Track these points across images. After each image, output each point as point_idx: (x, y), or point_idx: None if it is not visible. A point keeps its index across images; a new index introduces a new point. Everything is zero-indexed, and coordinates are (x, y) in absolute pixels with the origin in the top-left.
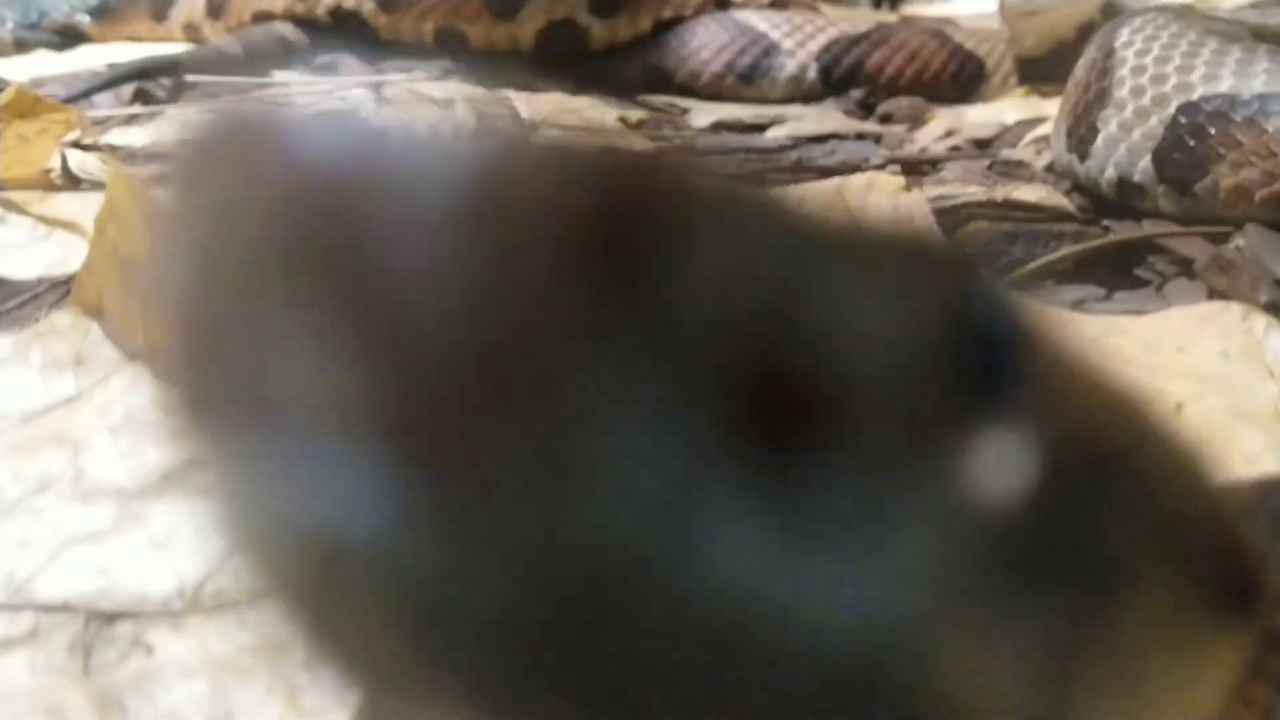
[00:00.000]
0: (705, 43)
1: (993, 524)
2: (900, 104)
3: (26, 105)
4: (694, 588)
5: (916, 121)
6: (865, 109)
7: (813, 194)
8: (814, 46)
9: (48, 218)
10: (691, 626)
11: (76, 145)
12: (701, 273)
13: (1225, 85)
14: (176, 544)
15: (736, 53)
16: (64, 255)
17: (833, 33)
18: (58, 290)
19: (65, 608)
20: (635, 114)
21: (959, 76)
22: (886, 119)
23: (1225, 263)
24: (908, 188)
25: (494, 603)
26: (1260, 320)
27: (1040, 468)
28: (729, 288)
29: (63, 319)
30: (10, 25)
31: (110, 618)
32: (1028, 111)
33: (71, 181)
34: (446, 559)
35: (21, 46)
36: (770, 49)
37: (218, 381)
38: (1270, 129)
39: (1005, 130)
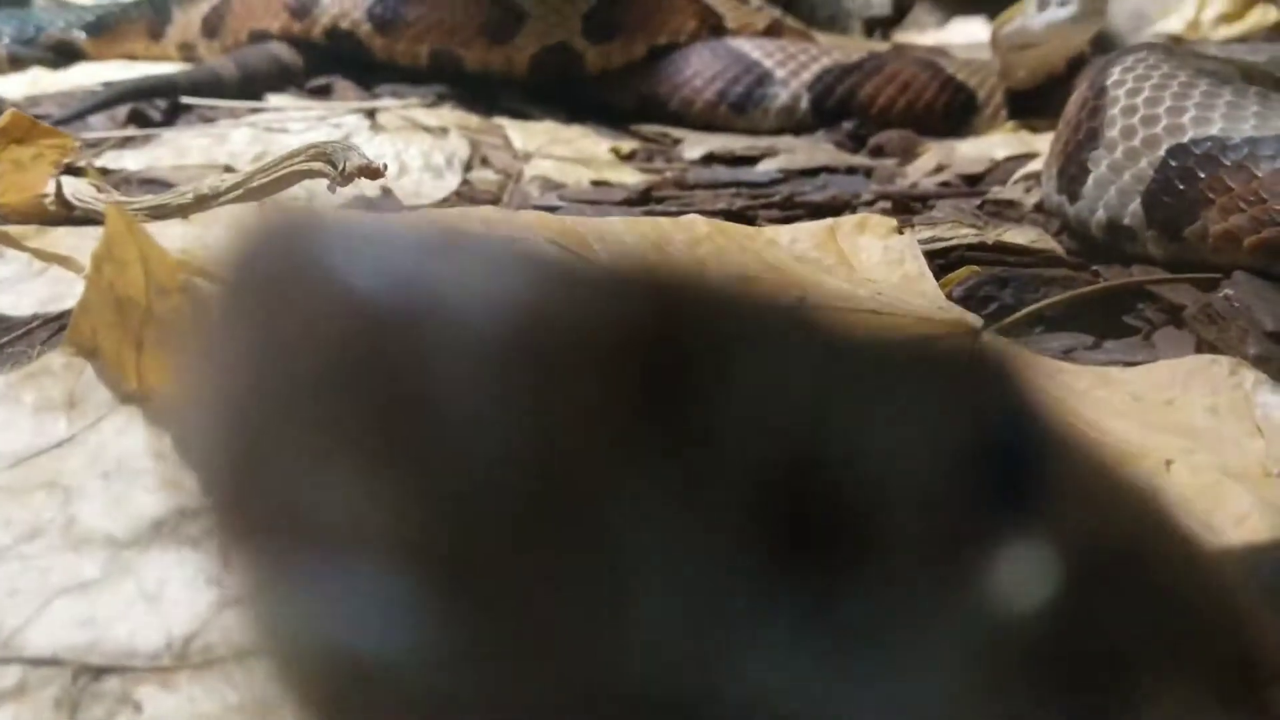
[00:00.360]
0: (699, 70)
1: (1012, 638)
2: (891, 137)
3: (23, 129)
4: (734, 695)
5: (908, 155)
6: (856, 141)
7: (805, 235)
8: (807, 76)
9: (44, 252)
10: None
11: (71, 170)
12: (738, 403)
13: (1216, 128)
14: (166, 596)
15: (730, 81)
16: (59, 292)
17: (826, 62)
18: (51, 328)
19: (53, 661)
20: (627, 145)
21: (951, 108)
22: (878, 152)
23: (1214, 313)
24: (899, 229)
25: None
26: (1249, 375)
27: (1060, 579)
28: (761, 418)
29: (56, 359)
30: (5, 41)
31: (99, 672)
32: (1018, 146)
33: (66, 208)
34: (480, 686)
35: (16, 63)
36: (763, 78)
37: (261, 501)
38: (1260, 174)
39: (995, 165)
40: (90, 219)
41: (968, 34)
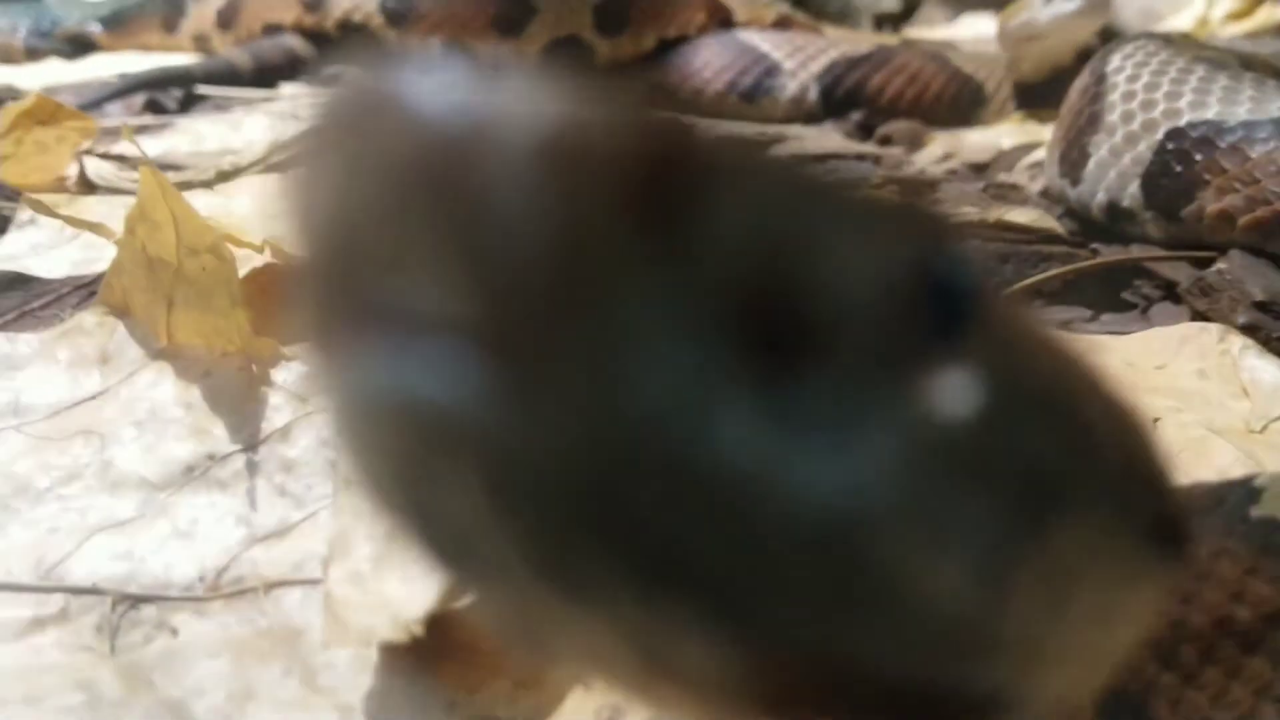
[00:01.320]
0: (708, 61)
1: (948, 437)
2: (899, 126)
3: (47, 112)
4: (705, 461)
5: (915, 144)
6: (865, 131)
7: None
8: (815, 68)
9: (75, 219)
10: (701, 491)
11: (91, 153)
12: (718, 224)
13: (1212, 112)
14: (199, 533)
15: (739, 72)
16: (90, 256)
17: (834, 54)
18: (83, 291)
19: (94, 590)
20: None
21: (958, 100)
22: (885, 141)
23: (1206, 286)
24: None
25: (551, 460)
26: (1237, 341)
27: (992, 394)
28: (743, 238)
29: (89, 318)
30: (22, 33)
31: (136, 600)
32: (1024, 136)
33: (88, 188)
34: (517, 427)
35: (33, 54)
36: (772, 69)
37: (350, 292)
38: (1254, 155)
39: (1002, 154)
40: (113, 194)
41: (976, 30)
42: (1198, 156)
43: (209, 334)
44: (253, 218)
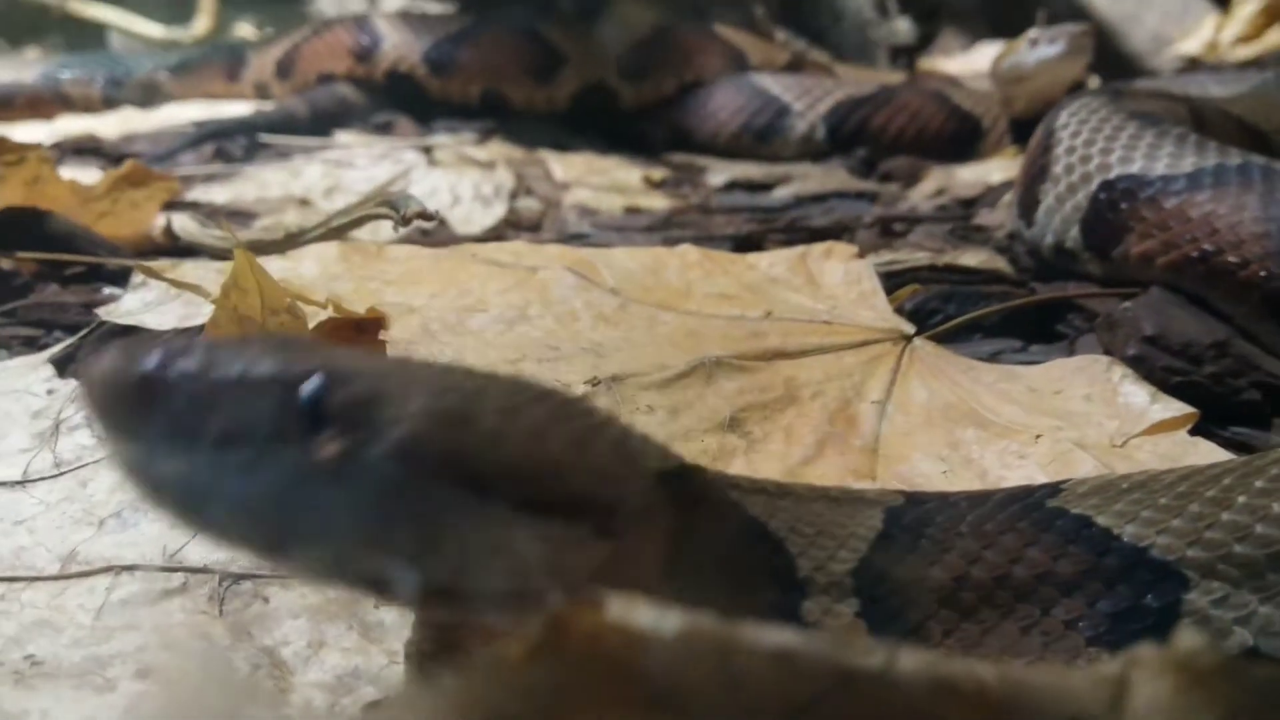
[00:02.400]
0: (723, 104)
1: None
2: (899, 163)
3: (140, 176)
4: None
5: (912, 180)
6: (868, 167)
7: (781, 260)
8: (822, 108)
9: (178, 282)
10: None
11: (173, 206)
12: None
13: (1136, 166)
14: None
15: (752, 114)
16: (190, 312)
17: (839, 95)
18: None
19: (205, 570)
20: (658, 173)
21: (957, 136)
22: (886, 177)
23: (1112, 321)
24: (860, 254)
25: None
26: (1119, 370)
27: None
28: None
29: None
30: (100, 83)
31: (238, 577)
32: (1013, 171)
33: (171, 239)
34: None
35: (110, 103)
36: (783, 110)
37: None
38: (1167, 206)
39: (989, 190)
40: (194, 249)
41: (991, 59)
42: (1123, 205)
43: None
44: (318, 279)
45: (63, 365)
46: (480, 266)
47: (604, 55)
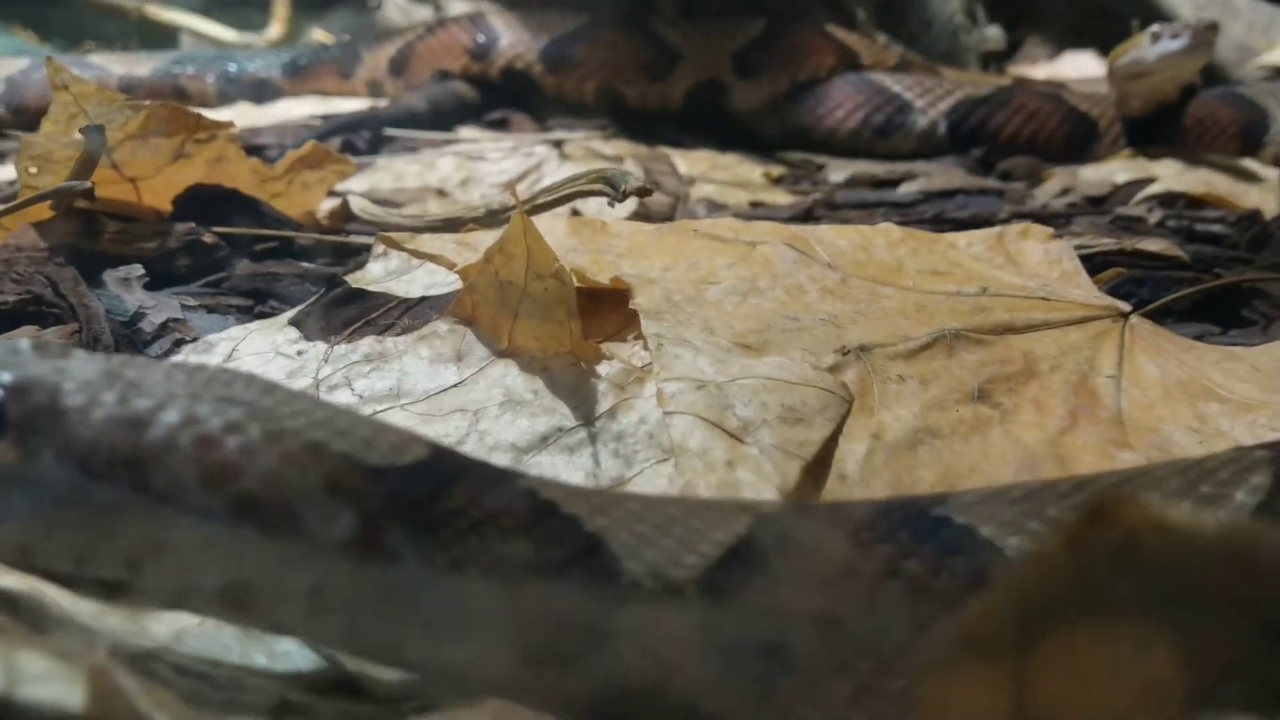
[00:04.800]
0: (840, 102)
1: None
2: (1018, 162)
3: (317, 157)
4: None
5: (1034, 179)
6: (985, 166)
7: (978, 240)
8: (943, 106)
9: (419, 252)
10: None
11: (334, 193)
12: None
13: None
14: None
15: (871, 111)
16: (435, 280)
17: (959, 95)
18: (423, 306)
19: None
20: (776, 169)
21: (1073, 137)
22: (1006, 176)
23: None
24: (1057, 236)
25: None
26: None
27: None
28: None
29: (442, 326)
30: (213, 79)
31: None
32: (1137, 172)
33: (340, 221)
34: None
35: (224, 98)
36: (903, 107)
37: None
38: None
39: (1117, 189)
40: (373, 228)
41: (1077, 67)
42: None
43: (545, 339)
44: (555, 252)
45: (301, 329)
46: (702, 241)
47: (718, 52)
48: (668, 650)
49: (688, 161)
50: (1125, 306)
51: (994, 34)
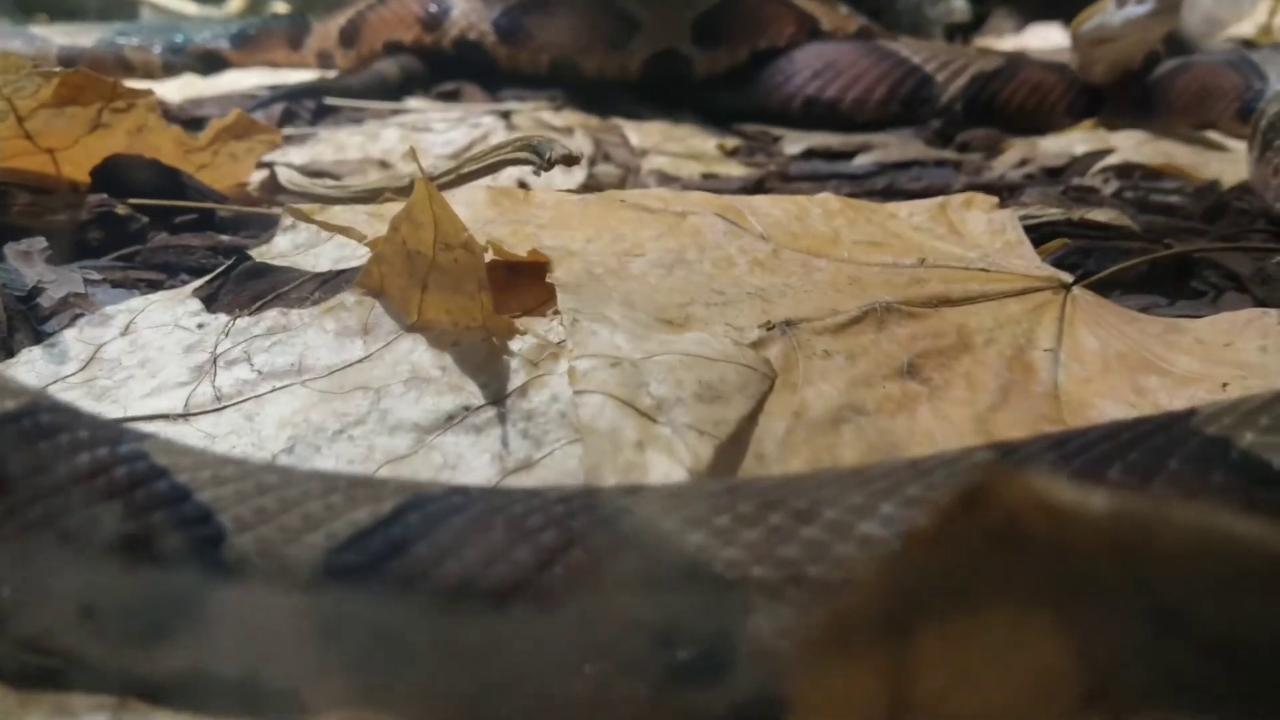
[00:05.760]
0: (798, 69)
1: None
2: (977, 134)
3: (243, 127)
4: None
5: (993, 150)
6: (944, 138)
7: (920, 210)
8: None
9: (329, 224)
10: None
11: (265, 164)
12: None
13: None
14: (463, 465)
15: (829, 79)
16: (344, 254)
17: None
18: (338, 280)
19: None
20: (731, 141)
21: (1027, 108)
22: (964, 148)
23: (1266, 275)
24: (1000, 205)
25: None
26: None
27: None
28: None
29: (349, 298)
30: (159, 49)
31: None
32: (1096, 143)
33: (269, 193)
34: None
35: (169, 69)
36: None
37: None
38: None
39: (1075, 160)
40: (303, 198)
41: (1045, 38)
42: None
43: (455, 312)
44: (472, 223)
45: (207, 303)
46: (629, 212)
47: (677, 21)
48: (267, 635)
49: (641, 133)
50: (1068, 277)
51: (959, 6)
